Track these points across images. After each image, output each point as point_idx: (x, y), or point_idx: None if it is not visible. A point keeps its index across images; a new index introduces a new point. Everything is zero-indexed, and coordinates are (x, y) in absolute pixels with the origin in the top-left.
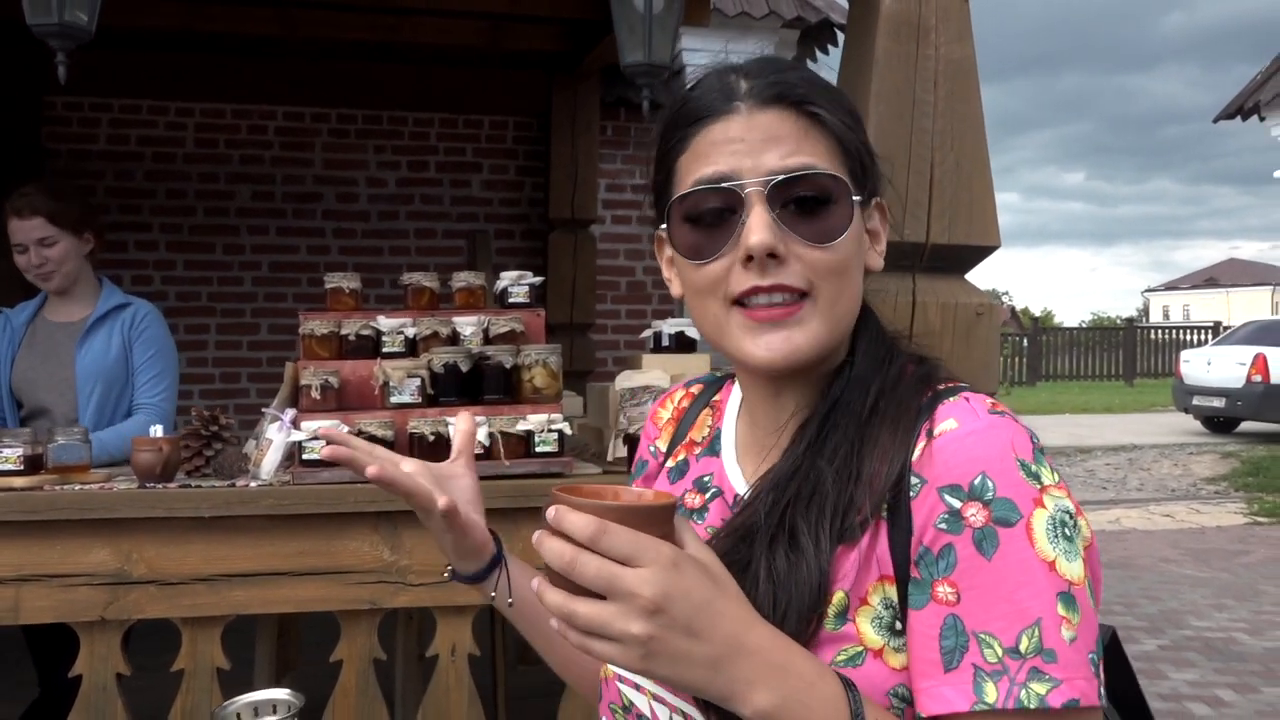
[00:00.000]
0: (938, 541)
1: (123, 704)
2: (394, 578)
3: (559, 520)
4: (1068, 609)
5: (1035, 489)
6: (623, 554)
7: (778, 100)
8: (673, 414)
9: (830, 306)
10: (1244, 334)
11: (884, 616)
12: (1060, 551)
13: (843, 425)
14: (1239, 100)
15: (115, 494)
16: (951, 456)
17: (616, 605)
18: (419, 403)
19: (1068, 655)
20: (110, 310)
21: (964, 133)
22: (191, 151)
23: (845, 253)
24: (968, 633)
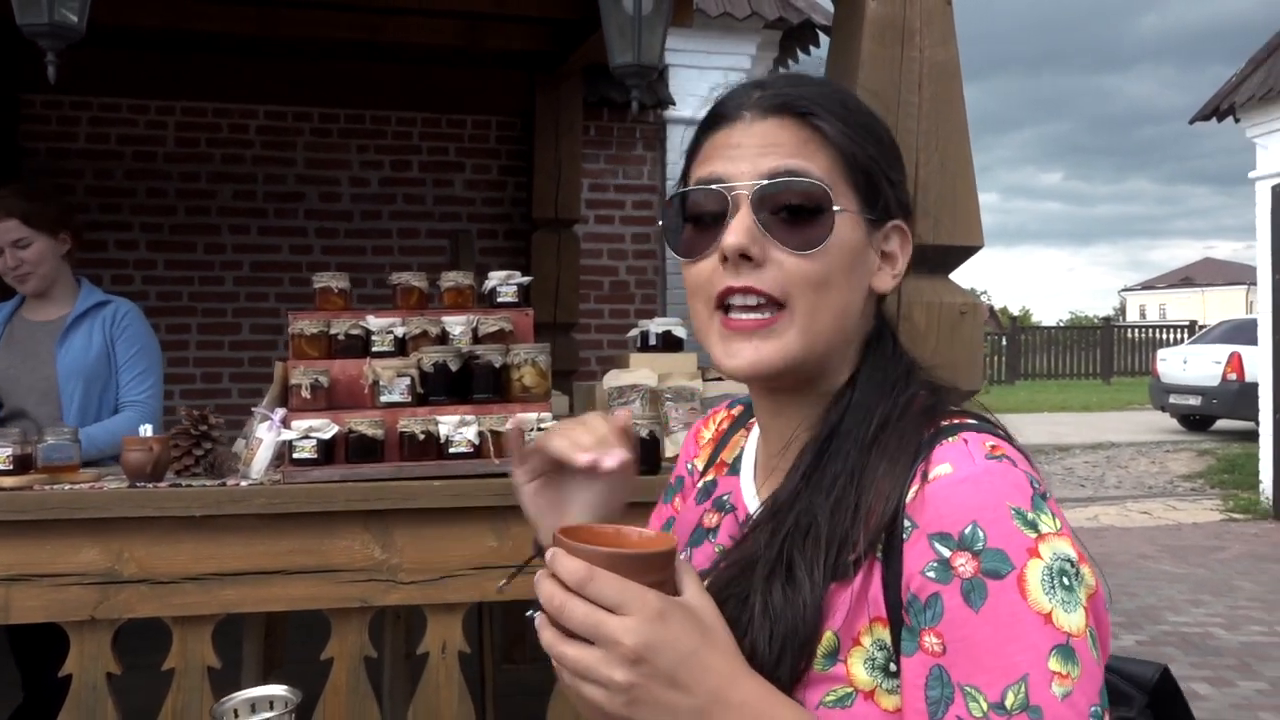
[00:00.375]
0: (925, 590)
1: (113, 703)
2: (385, 576)
3: (553, 563)
4: (1064, 663)
5: (1030, 538)
6: (610, 601)
7: (781, 109)
8: (713, 434)
9: (807, 320)
10: (1219, 333)
11: (877, 658)
12: (1058, 602)
13: (842, 454)
14: (1214, 101)
15: (106, 493)
16: (943, 503)
17: (601, 652)
18: (409, 401)
19: (1057, 712)
20: (90, 308)
21: (948, 134)
22: (172, 150)
23: (826, 264)
24: (953, 684)
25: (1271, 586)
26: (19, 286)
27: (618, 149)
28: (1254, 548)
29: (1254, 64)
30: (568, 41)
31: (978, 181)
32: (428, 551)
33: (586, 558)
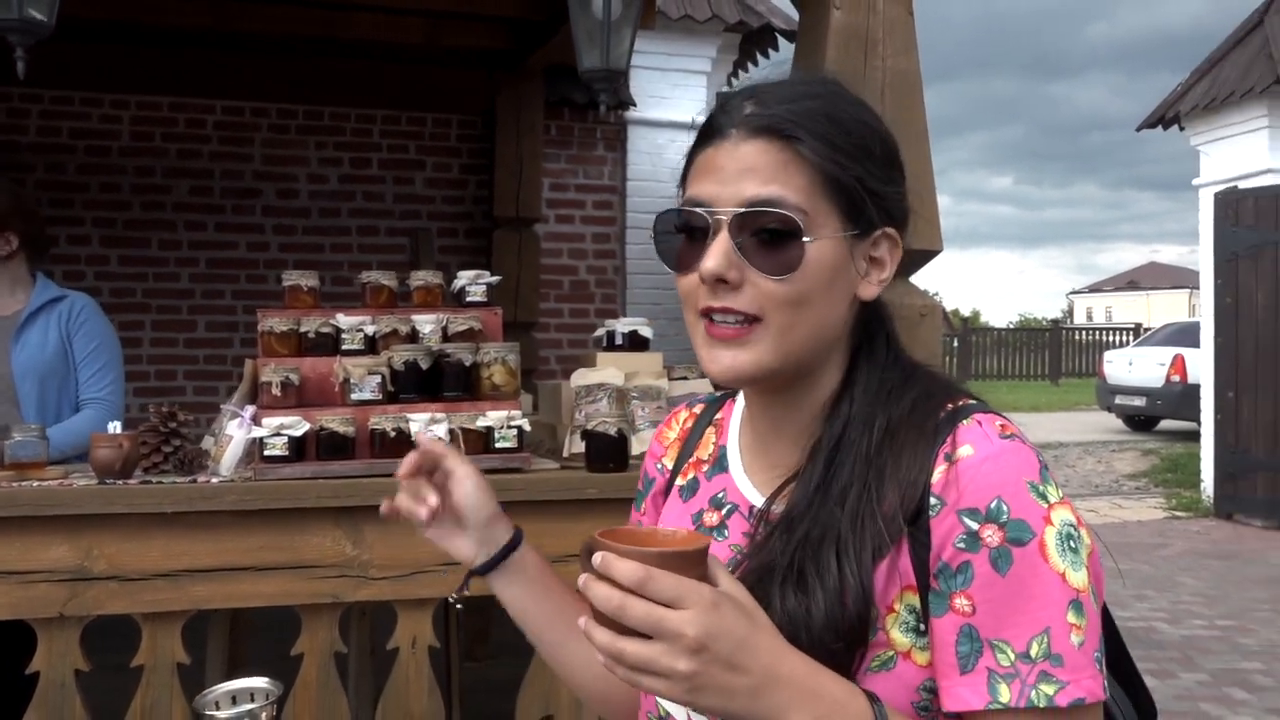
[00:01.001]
0: (956, 559)
1: (81, 700)
2: (356, 572)
3: (606, 567)
4: (1077, 616)
5: (1044, 508)
6: (667, 597)
7: (764, 131)
8: (679, 434)
9: (781, 335)
10: (1163, 335)
11: (909, 621)
12: (1069, 563)
13: (849, 464)
14: (1161, 110)
15: (76, 490)
16: (970, 482)
17: (663, 645)
18: (380, 399)
19: (1074, 659)
20: (46, 304)
21: (909, 141)
22: (127, 145)
23: (801, 286)
24: (982, 640)
25: (1212, 582)
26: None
27: (579, 149)
28: (1196, 545)
29: (1198, 74)
30: (530, 41)
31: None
32: (398, 548)
33: (639, 559)
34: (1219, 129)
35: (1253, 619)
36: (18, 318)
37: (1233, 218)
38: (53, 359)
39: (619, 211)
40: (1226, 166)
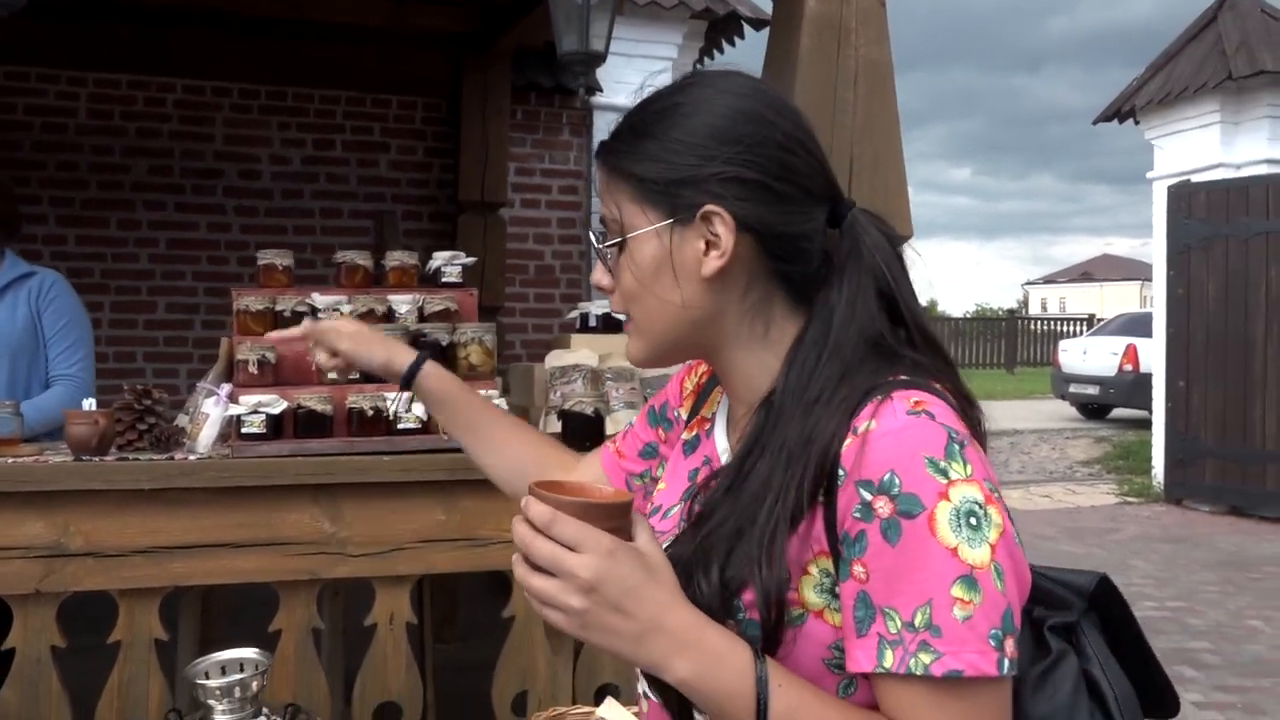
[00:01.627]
0: (854, 528)
1: (58, 676)
2: (334, 549)
3: (525, 508)
4: (966, 590)
5: (941, 484)
6: (568, 540)
7: (600, 160)
8: (694, 387)
9: (642, 326)
10: (1117, 325)
11: (824, 584)
12: (963, 539)
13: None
14: (1117, 104)
15: (52, 466)
16: (868, 454)
17: (560, 582)
18: (356, 378)
19: (956, 632)
20: (14, 280)
21: (881, 130)
22: (84, 123)
23: (632, 280)
24: (875, 606)
25: (1162, 565)
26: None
27: (544, 133)
28: (1147, 529)
29: (1153, 69)
30: (497, 23)
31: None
32: (376, 525)
33: (553, 505)
34: (1173, 123)
35: (1201, 600)
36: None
37: (1185, 210)
38: (22, 335)
39: (584, 196)
40: (1180, 160)
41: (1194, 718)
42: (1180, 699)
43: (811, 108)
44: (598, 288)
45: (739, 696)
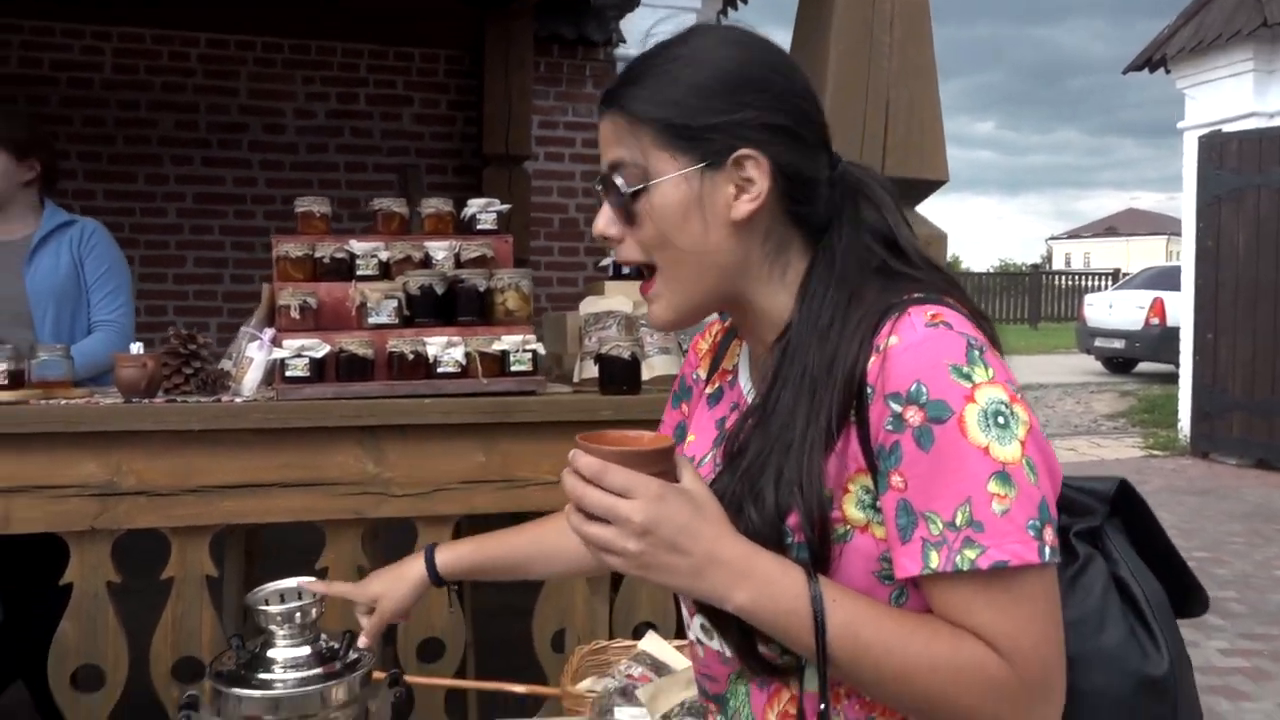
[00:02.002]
0: (888, 440)
1: (114, 610)
2: (378, 489)
3: (573, 461)
4: (1002, 485)
5: (966, 388)
6: (619, 488)
7: (608, 106)
8: (710, 345)
9: (671, 278)
10: (1144, 279)
11: (864, 499)
12: (993, 438)
13: (802, 352)
14: (1147, 52)
15: (105, 408)
16: (893, 368)
17: (616, 529)
18: (396, 323)
19: (997, 525)
20: (56, 228)
21: (918, 72)
22: (109, 78)
23: (657, 228)
24: (916, 512)
25: (1187, 517)
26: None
27: (568, 86)
28: (1172, 482)
29: (1185, 16)
30: None
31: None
32: (418, 466)
33: (600, 456)
34: (1205, 72)
35: (1227, 551)
36: (29, 242)
37: (1216, 160)
38: (65, 282)
39: None
40: (1211, 110)
41: (1220, 664)
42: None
43: (848, 51)
44: (604, 238)
45: (796, 615)
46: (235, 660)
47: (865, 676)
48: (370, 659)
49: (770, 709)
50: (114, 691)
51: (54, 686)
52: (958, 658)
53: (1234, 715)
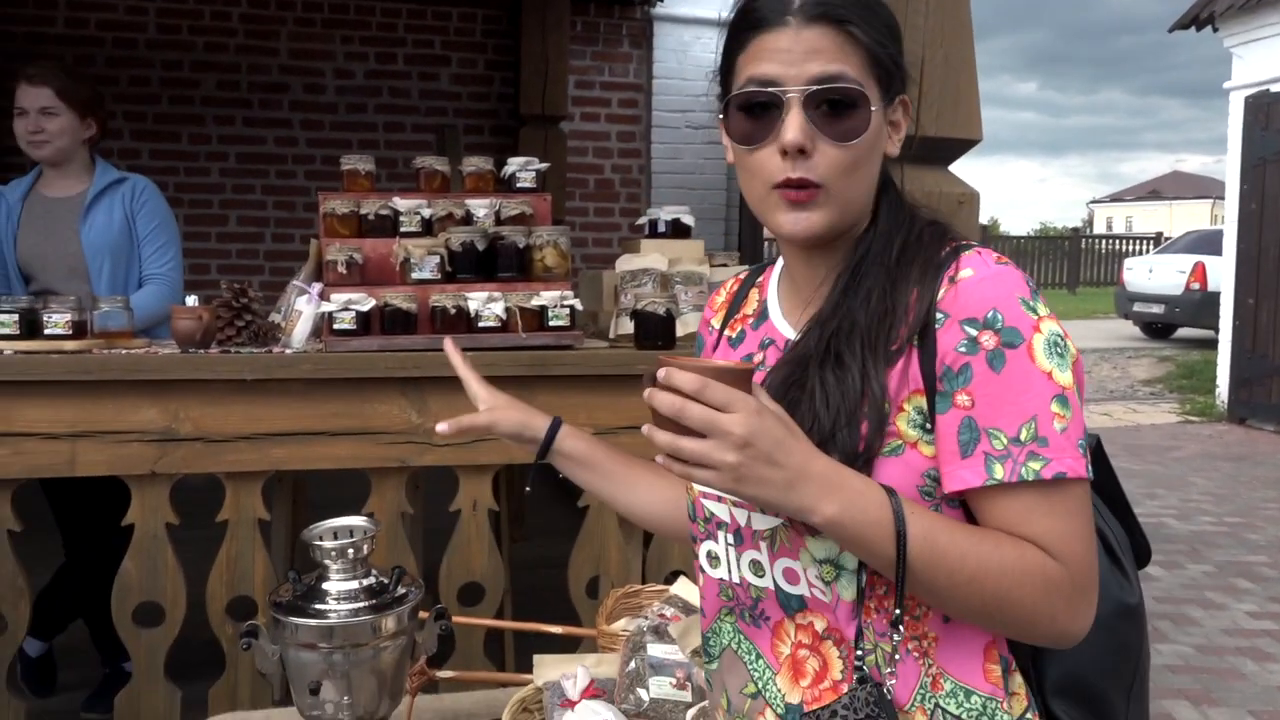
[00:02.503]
0: (958, 361)
1: (172, 550)
2: (421, 438)
3: (669, 378)
4: (1061, 407)
5: (1034, 319)
6: (720, 402)
7: (822, 19)
8: (726, 297)
9: (841, 196)
10: (1185, 243)
11: (916, 419)
12: (1054, 364)
13: (873, 273)
14: (1194, 10)
15: (164, 357)
16: (970, 296)
17: (715, 441)
18: (438, 279)
19: (1058, 441)
20: (109, 185)
21: (953, 31)
22: (153, 38)
23: (861, 150)
24: (979, 429)
25: (1222, 482)
26: (33, 152)
27: (604, 45)
28: (1208, 447)
29: None
30: None
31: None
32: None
33: (698, 371)
34: (1254, 30)
35: (1261, 516)
36: (83, 198)
37: (1263, 122)
38: (119, 237)
39: (644, 110)
40: (1259, 69)
41: (1248, 626)
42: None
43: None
44: (796, 148)
45: (880, 525)
46: (292, 592)
47: (939, 582)
48: (416, 594)
49: (779, 640)
50: (173, 627)
51: (117, 622)
52: (1022, 561)
53: (1259, 676)
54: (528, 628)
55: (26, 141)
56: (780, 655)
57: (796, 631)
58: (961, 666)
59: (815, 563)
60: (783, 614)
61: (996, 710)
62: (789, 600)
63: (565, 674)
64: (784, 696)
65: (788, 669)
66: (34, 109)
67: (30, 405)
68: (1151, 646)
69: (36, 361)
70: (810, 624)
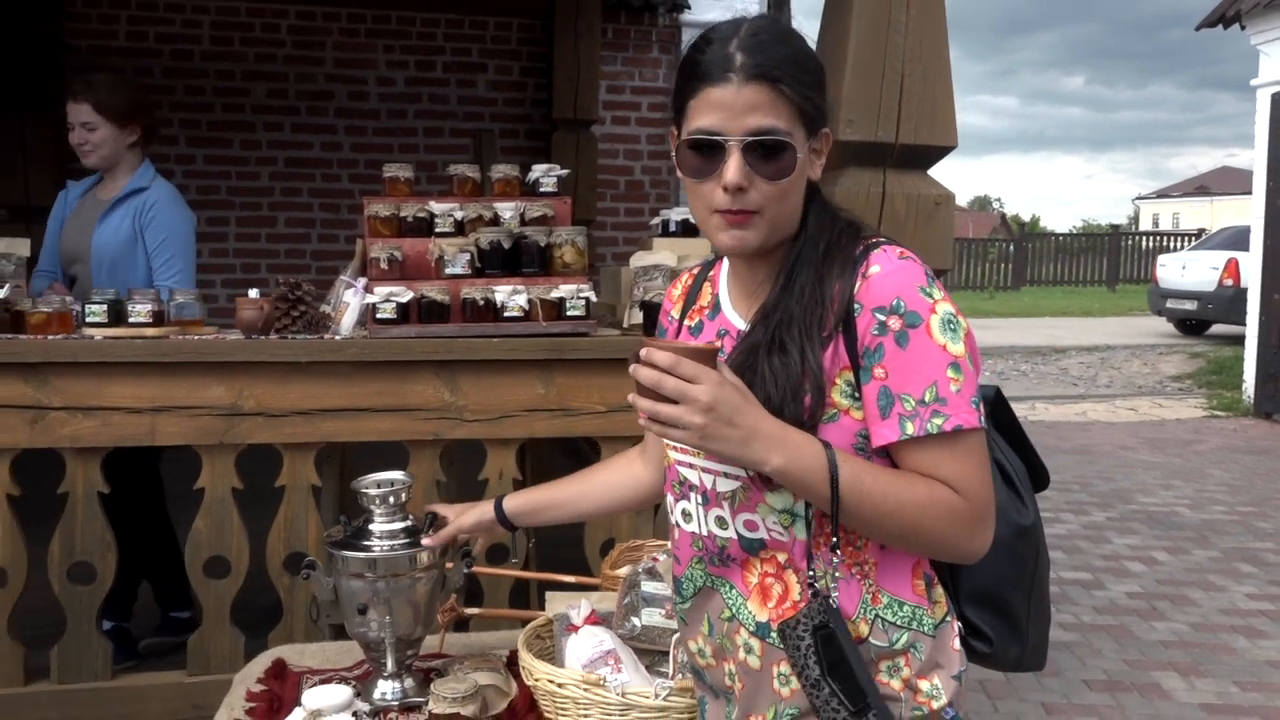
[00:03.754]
0: (874, 342)
1: (237, 512)
2: (453, 415)
3: (649, 355)
4: (955, 373)
5: (930, 302)
6: (689, 375)
7: (758, 78)
8: (682, 290)
9: (772, 219)
10: (1220, 239)
11: (846, 390)
12: (949, 339)
13: (804, 272)
14: (1222, 8)
15: (229, 342)
16: (878, 288)
17: (685, 406)
18: (469, 274)
19: (954, 400)
20: (130, 193)
21: (930, 48)
22: (208, 49)
23: (789, 185)
24: (893, 395)
25: (1239, 474)
26: (83, 160)
27: (634, 51)
28: (1231, 441)
29: None
30: None
31: (998, 85)
32: (487, 396)
33: (672, 350)
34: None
35: (1273, 505)
36: (110, 201)
37: None
38: (122, 246)
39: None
40: None
41: (1244, 606)
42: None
43: (868, 29)
44: (735, 187)
45: (818, 470)
46: (343, 532)
47: (866, 514)
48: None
49: (748, 572)
50: (237, 578)
51: (189, 574)
52: (931, 496)
53: (1249, 651)
54: (543, 577)
55: (78, 151)
56: (750, 584)
57: (762, 564)
58: (894, 584)
59: (774, 512)
60: (746, 555)
61: (923, 616)
62: (751, 544)
63: (571, 604)
64: (754, 616)
65: (756, 594)
66: (78, 123)
67: (116, 383)
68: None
69: (122, 345)
70: (773, 557)
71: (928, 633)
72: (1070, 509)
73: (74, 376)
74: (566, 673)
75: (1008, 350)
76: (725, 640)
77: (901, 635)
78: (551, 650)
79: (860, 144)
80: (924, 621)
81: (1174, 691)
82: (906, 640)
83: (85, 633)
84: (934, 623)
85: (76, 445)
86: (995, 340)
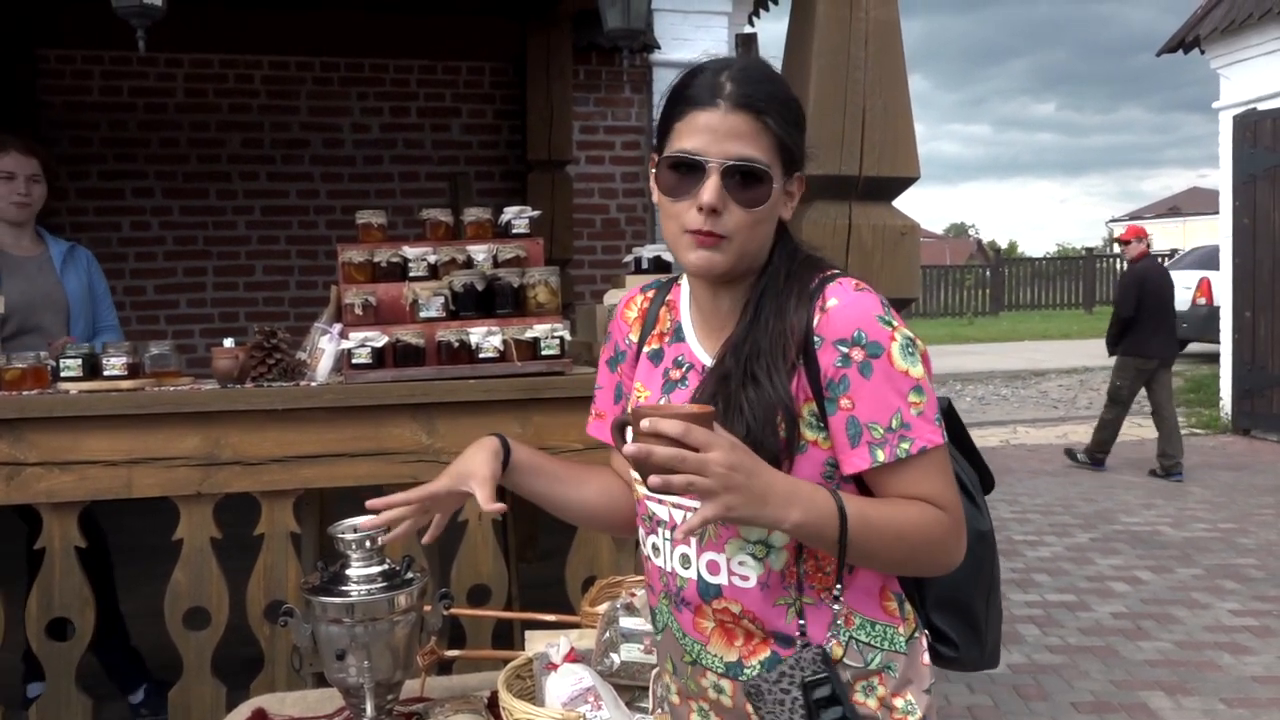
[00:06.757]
0: (837, 374)
1: (216, 561)
2: (430, 457)
3: (654, 426)
4: (917, 395)
5: (889, 330)
6: (701, 442)
7: (745, 108)
8: (638, 313)
9: (741, 246)
10: (1192, 259)
11: (812, 421)
12: (909, 363)
13: (768, 305)
14: (1181, 33)
15: (206, 392)
16: (837, 321)
17: (709, 478)
18: (443, 316)
19: (918, 423)
20: (69, 250)
21: (890, 83)
22: (182, 101)
23: (761, 214)
24: (861, 424)
25: (1220, 491)
26: (14, 213)
27: (606, 91)
28: (1210, 458)
29: None
30: None
31: (970, 114)
32: (465, 437)
33: (679, 417)
34: (1238, 51)
35: (1253, 522)
36: (48, 257)
37: (1251, 139)
38: (86, 294)
39: (646, 151)
40: (1246, 89)
41: (1229, 622)
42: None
43: (828, 65)
44: (710, 208)
45: (829, 518)
46: (320, 578)
47: (874, 547)
48: (424, 578)
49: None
50: (218, 629)
51: (169, 626)
52: (924, 516)
53: (1235, 668)
54: (523, 616)
55: (9, 203)
56: (704, 630)
57: (715, 615)
58: (865, 605)
59: (748, 545)
60: (700, 600)
61: (895, 633)
62: (707, 589)
63: (550, 643)
64: (721, 658)
65: (717, 637)
66: (23, 175)
67: (92, 437)
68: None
69: (97, 399)
70: (726, 609)
71: (900, 650)
72: (1054, 531)
73: (50, 431)
74: (547, 711)
75: (988, 375)
76: (690, 682)
77: (876, 655)
78: (532, 690)
79: (825, 178)
80: (896, 639)
81: (1161, 711)
82: (881, 660)
83: (65, 690)
84: (905, 639)
85: (53, 500)
86: (975, 365)
